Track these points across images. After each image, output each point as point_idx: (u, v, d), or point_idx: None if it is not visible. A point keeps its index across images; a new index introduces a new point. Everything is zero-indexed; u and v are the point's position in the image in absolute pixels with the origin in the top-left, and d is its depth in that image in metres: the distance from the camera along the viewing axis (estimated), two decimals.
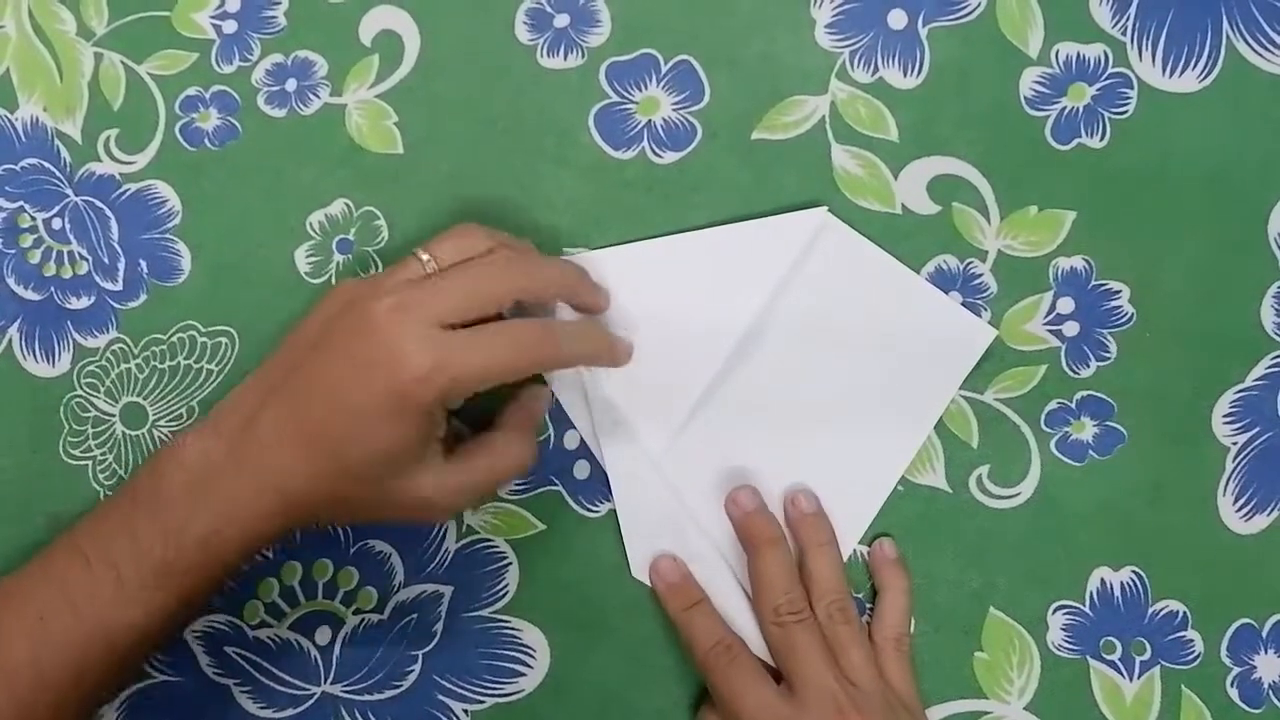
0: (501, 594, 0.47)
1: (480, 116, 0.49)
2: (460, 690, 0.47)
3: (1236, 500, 0.45)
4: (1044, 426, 0.46)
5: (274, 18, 0.50)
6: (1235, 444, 0.45)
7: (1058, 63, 0.46)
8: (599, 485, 0.47)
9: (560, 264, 0.46)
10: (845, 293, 0.46)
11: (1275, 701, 0.44)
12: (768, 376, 0.46)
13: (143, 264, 0.50)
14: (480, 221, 0.47)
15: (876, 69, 0.47)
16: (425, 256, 0.42)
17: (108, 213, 0.50)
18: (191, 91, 0.50)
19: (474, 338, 0.39)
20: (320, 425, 0.39)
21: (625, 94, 0.48)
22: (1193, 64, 0.46)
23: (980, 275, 0.46)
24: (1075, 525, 0.45)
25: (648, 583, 0.46)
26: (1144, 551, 0.45)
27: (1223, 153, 0.46)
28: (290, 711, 0.47)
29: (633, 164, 0.48)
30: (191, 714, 0.47)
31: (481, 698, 0.47)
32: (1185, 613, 0.45)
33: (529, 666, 0.47)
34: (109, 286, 0.50)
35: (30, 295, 0.50)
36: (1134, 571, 0.45)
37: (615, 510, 0.47)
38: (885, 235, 0.47)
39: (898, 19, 0.47)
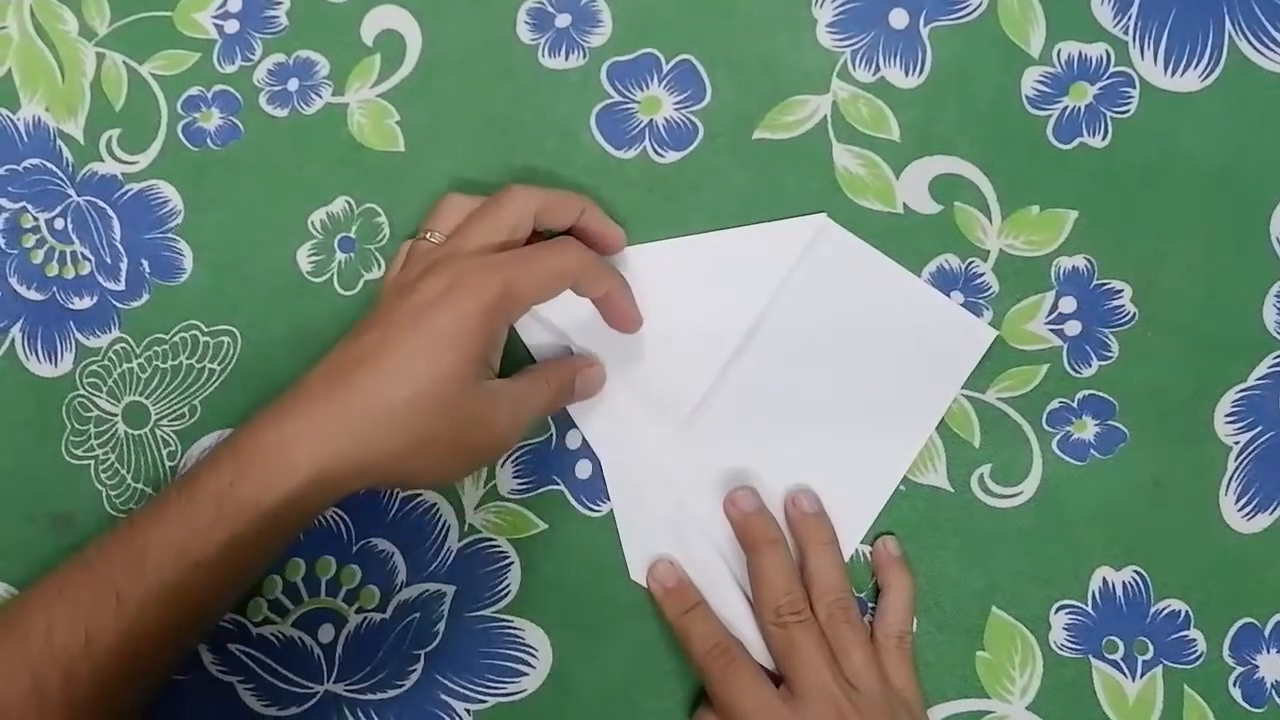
0: (504, 593, 0.47)
1: (482, 116, 0.49)
2: (462, 690, 0.47)
3: (1239, 500, 0.45)
4: (1046, 426, 0.46)
5: (275, 17, 0.50)
6: (1237, 443, 0.45)
7: (1059, 62, 0.46)
8: (601, 485, 0.47)
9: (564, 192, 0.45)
10: (846, 295, 0.46)
11: (1278, 701, 0.44)
12: (769, 379, 0.46)
13: (145, 264, 0.50)
14: None
15: (878, 68, 0.47)
16: (428, 234, 0.44)
17: (110, 212, 0.50)
18: (193, 91, 0.50)
19: (520, 251, 0.42)
20: (380, 357, 0.39)
21: (627, 94, 0.48)
22: (1195, 63, 0.46)
23: (982, 275, 0.46)
24: (1077, 525, 0.45)
25: (646, 586, 0.46)
26: (1146, 551, 0.45)
27: (1225, 152, 0.46)
28: (294, 710, 0.47)
29: (634, 163, 0.48)
30: (196, 712, 0.47)
31: (484, 697, 0.47)
32: (1187, 612, 0.45)
33: (531, 666, 0.47)
34: (111, 286, 0.50)
35: (33, 295, 0.50)
36: (1136, 571, 0.45)
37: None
38: (887, 235, 0.47)
39: (899, 18, 0.47)
